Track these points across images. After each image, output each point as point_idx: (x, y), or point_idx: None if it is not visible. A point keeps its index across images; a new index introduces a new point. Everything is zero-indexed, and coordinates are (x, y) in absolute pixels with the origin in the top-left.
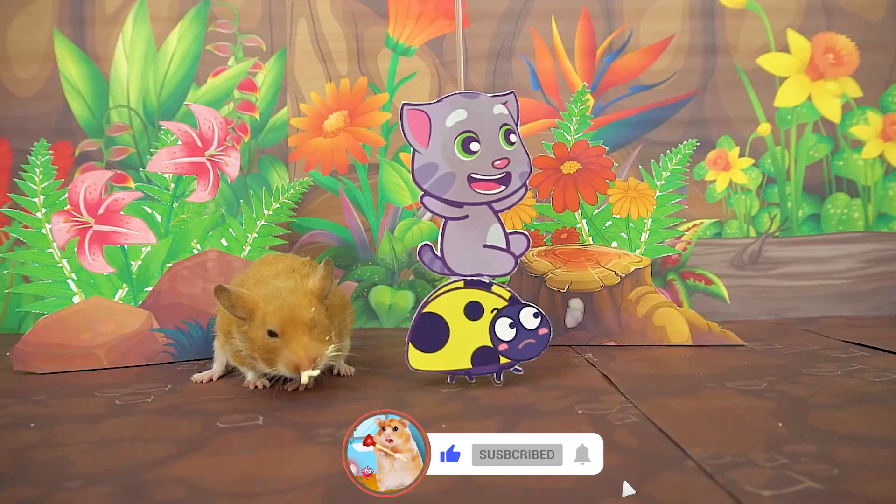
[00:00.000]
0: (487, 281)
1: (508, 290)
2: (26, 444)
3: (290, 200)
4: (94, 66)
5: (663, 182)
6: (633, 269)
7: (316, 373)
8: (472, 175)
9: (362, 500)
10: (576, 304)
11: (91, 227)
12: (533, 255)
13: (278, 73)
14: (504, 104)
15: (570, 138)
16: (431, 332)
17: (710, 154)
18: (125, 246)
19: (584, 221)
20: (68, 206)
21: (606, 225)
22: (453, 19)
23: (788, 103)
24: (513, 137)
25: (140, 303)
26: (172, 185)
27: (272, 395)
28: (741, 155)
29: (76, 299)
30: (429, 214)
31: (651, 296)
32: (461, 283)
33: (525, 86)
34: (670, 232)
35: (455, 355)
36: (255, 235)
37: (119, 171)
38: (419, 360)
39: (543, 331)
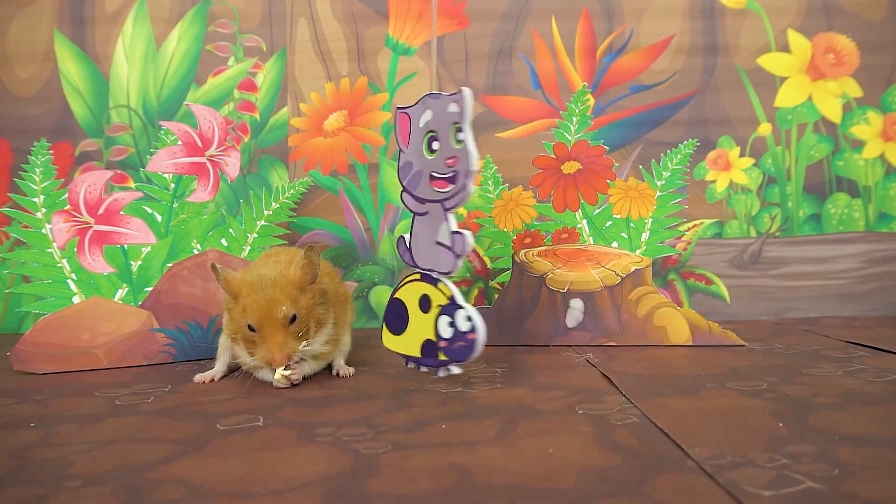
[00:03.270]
0: (435, 277)
1: (452, 289)
2: (26, 444)
3: (290, 200)
4: (94, 65)
5: (664, 182)
6: (633, 269)
7: (288, 372)
8: (432, 174)
9: (362, 500)
10: (576, 305)
11: (91, 227)
12: (534, 255)
13: (278, 73)
14: (455, 102)
15: (570, 138)
16: (397, 317)
17: (711, 154)
18: (125, 246)
19: (585, 221)
20: (68, 206)
21: (607, 225)
22: (453, 19)
23: (789, 103)
24: (460, 135)
25: (140, 303)
26: (172, 185)
27: (272, 395)
28: (742, 155)
29: (76, 299)
30: None
31: (651, 296)
32: (418, 276)
33: (525, 86)
34: (671, 232)
35: (411, 342)
36: (255, 235)
37: (119, 171)
38: (389, 340)
39: (473, 336)
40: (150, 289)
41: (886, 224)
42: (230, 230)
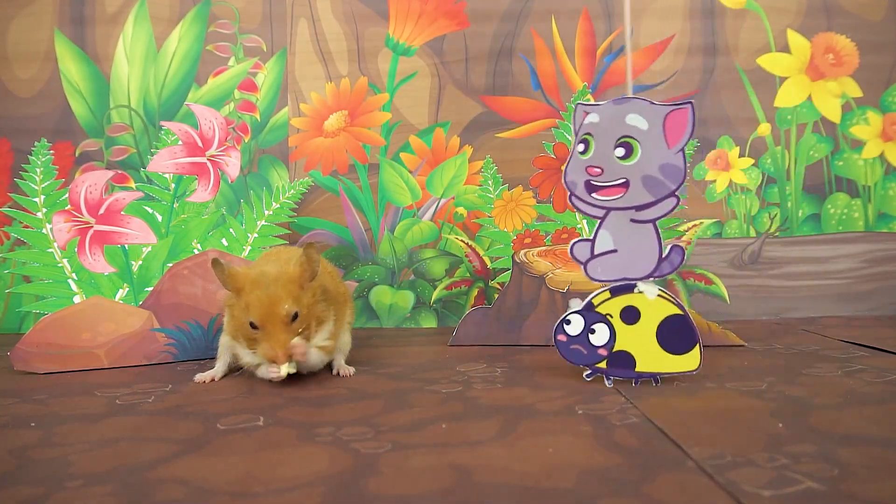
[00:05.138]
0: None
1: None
2: (26, 444)
3: (291, 200)
4: (94, 66)
5: None
6: None
7: (293, 369)
8: None
9: (362, 500)
10: (576, 305)
11: (92, 227)
12: (533, 255)
13: (278, 73)
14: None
15: (570, 138)
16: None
17: (711, 154)
18: (126, 246)
19: (585, 221)
20: (69, 206)
21: None
22: (453, 19)
23: (788, 103)
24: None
25: (140, 303)
26: (173, 185)
27: (272, 395)
28: (741, 155)
29: (77, 299)
30: (429, 214)
31: None
32: None
33: (525, 86)
34: (670, 232)
35: None
36: (256, 235)
37: (120, 171)
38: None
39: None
40: (150, 289)
41: (886, 224)
42: (230, 230)
